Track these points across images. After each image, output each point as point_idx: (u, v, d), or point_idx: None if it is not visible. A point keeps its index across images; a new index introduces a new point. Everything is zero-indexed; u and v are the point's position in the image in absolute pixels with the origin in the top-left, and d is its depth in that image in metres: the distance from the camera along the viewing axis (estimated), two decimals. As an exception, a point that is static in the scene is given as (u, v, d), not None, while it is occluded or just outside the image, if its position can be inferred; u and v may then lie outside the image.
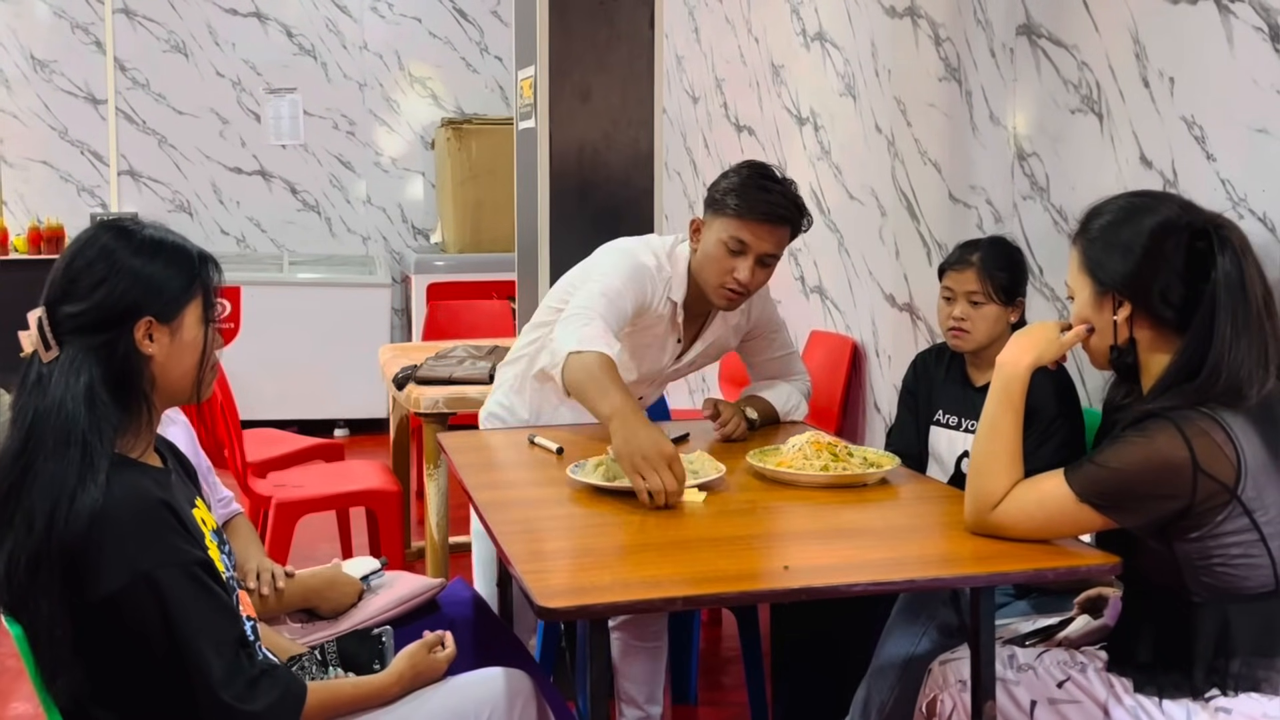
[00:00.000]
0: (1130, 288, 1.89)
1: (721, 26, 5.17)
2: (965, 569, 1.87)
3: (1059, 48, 3.00)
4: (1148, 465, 1.80)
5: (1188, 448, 1.78)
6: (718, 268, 2.61)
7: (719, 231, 2.62)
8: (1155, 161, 2.68)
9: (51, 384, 1.64)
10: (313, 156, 7.31)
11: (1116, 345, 1.93)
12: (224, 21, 7.12)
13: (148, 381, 1.70)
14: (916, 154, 3.68)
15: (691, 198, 5.62)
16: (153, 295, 1.69)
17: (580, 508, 2.19)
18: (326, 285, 6.77)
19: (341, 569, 2.31)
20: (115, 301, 1.67)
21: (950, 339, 2.69)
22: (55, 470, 1.60)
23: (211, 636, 1.62)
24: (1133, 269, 1.88)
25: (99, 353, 1.66)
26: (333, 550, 4.15)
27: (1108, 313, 1.92)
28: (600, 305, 2.52)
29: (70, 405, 1.62)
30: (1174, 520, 1.82)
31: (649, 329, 2.73)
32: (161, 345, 1.70)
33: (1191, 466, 1.78)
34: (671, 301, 2.70)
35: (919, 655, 2.30)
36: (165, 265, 1.71)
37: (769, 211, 2.61)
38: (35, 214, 6.87)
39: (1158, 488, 1.80)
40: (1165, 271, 1.87)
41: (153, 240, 1.73)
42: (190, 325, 1.73)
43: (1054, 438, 2.56)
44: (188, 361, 1.73)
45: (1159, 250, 1.87)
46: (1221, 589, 1.84)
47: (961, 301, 2.66)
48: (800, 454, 2.33)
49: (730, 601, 2.00)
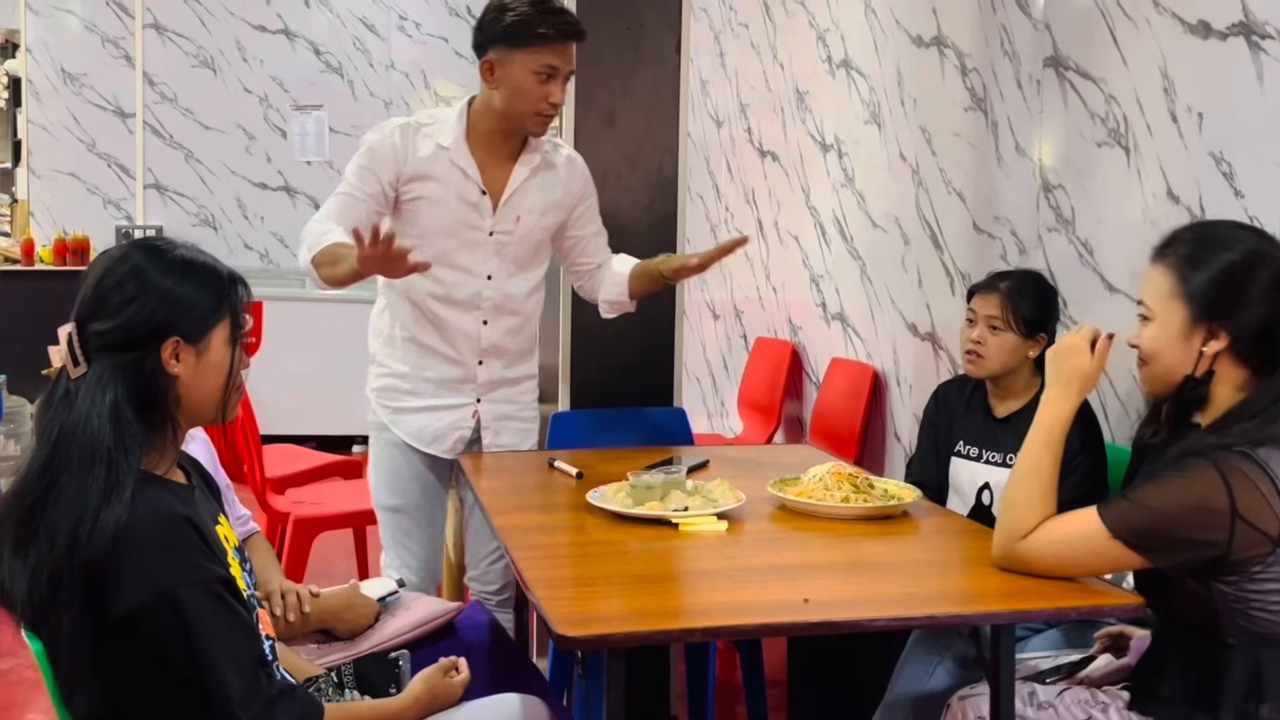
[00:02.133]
0: (1234, 324, 1.85)
1: (747, 52, 5.18)
2: (987, 605, 1.86)
3: (1086, 80, 3.00)
4: (1183, 507, 1.78)
5: (1227, 492, 1.75)
6: (533, 98, 2.62)
7: (527, 64, 2.61)
8: (1182, 197, 2.67)
9: (78, 400, 1.65)
10: (337, 174, 7.28)
11: (1194, 375, 1.89)
12: (252, 38, 7.17)
13: (173, 400, 1.70)
14: (941, 183, 3.67)
15: (714, 221, 5.62)
16: (181, 315, 1.70)
17: (599, 534, 2.18)
18: (348, 302, 6.75)
19: (359, 590, 2.31)
20: (143, 321, 1.68)
21: (965, 362, 2.69)
22: (79, 487, 1.60)
23: (231, 655, 1.62)
24: (1243, 308, 1.85)
25: (125, 371, 1.66)
26: (349, 567, 4.15)
27: (1196, 342, 1.88)
28: (326, 207, 2.75)
29: (96, 422, 1.63)
30: (1210, 565, 1.79)
31: (438, 188, 2.69)
32: (188, 365, 1.70)
33: (1230, 513, 1.75)
34: (441, 147, 2.68)
35: (932, 691, 2.28)
36: (195, 286, 1.72)
37: (572, 31, 2.65)
38: (61, 226, 6.92)
39: (1194, 531, 1.78)
40: (1263, 309, 1.84)
41: (183, 260, 1.73)
42: (217, 346, 1.73)
43: (1076, 471, 2.54)
44: (214, 382, 1.73)
45: (1262, 288, 1.84)
46: (1257, 633, 1.82)
47: (981, 325, 2.65)
48: (821, 484, 2.32)
49: (750, 634, 1.99)
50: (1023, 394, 2.67)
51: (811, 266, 4.57)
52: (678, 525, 2.17)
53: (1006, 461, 2.66)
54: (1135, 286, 2.82)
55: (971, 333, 2.67)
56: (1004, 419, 2.69)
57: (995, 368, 2.65)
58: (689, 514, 2.19)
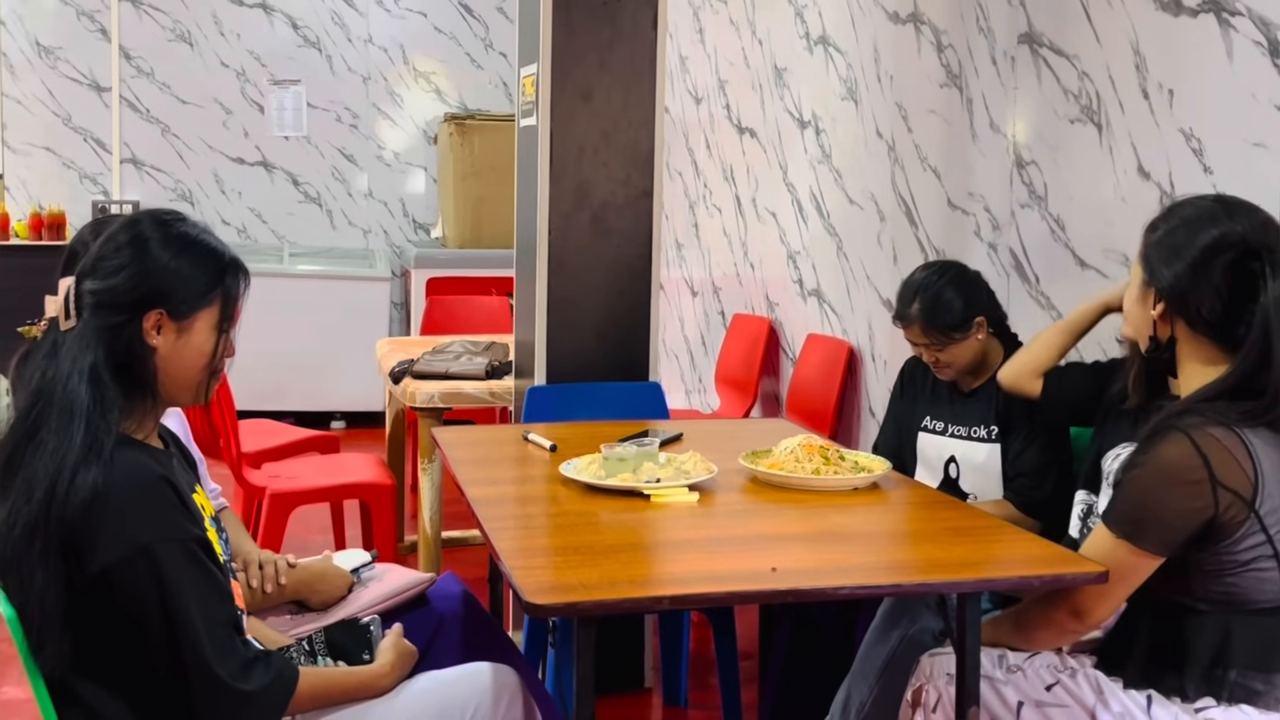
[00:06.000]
0: (1169, 290, 1.92)
1: (726, 28, 5.18)
2: (952, 574, 1.88)
3: (1060, 57, 3.01)
4: (1165, 484, 1.82)
5: (1202, 459, 1.80)
6: None
7: None
8: (1153, 173, 2.69)
9: (62, 353, 1.67)
10: (315, 149, 7.32)
11: (1155, 338, 1.97)
12: (230, 12, 7.12)
13: (151, 372, 1.71)
14: (916, 160, 3.69)
15: (692, 198, 5.63)
16: (169, 290, 1.71)
17: (572, 505, 2.19)
18: (326, 278, 6.78)
19: (332, 561, 2.32)
20: (131, 288, 1.69)
21: (937, 374, 2.72)
22: (59, 443, 1.62)
23: (206, 613, 1.63)
24: (1175, 275, 1.91)
25: (106, 334, 1.68)
26: (326, 542, 4.16)
27: (1148, 306, 1.97)
28: None
29: (75, 381, 1.65)
30: (1203, 534, 1.82)
31: None
32: (168, 340, 1.71)
33: (1210, 481, 1.79)
34: None
35: (899, 658, 2.31)
36: (190, 264, 1.73)
37: None
38: (37, 200, 6.88)
39: (1181, 502, 1.81)
40: (1205, 286, 1.88)
41: (185, 237, 1.75)
42: (201, 329, 1.74)
43: (1037, 440, 2.58)
44: (192, 363, 1.74)
45: (1206, 264, 1.88)
46: (1227, 600, 1.85)
47: (924, 349, 2.68)
48: (792, 457, 2.33)
49: (718, 602, 2.01)
50: (989, 368, 2.69)
51: (789, 243, 4.58)
52: (649, 497, 2.19)
53: (972, 435, 2.69)
54: (1106, 262, 2.85)
55: (922, 354, 2.70)
56: (969, 393, 2.72)
57: (964, 367, 2.68)
58: (661, 485, 2.21)
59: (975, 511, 2.24)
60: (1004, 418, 2.64)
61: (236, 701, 1.63)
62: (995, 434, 2.65)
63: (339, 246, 7.31)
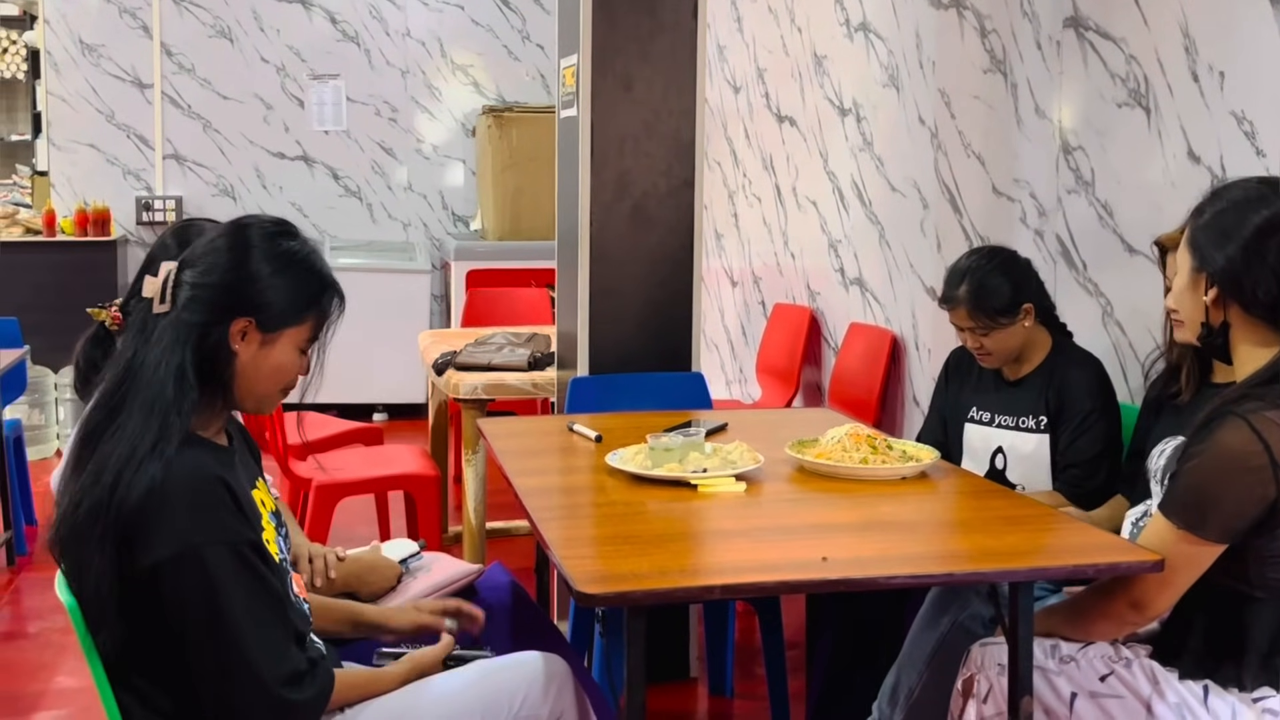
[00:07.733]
0: (1222, 274, 1.88)
1: (764, 16, 5.15)
2: (1004, 563, 1.86)
3: (1106, 41, 2.97)
4: (1226, 472, 1.79)
5: (1263, 444, 1.77)
6: None
7: None
8: (1204, 157, 2.66)
9: (153, 340, 1.69)
10: (355, 143, 7.35)
11: (1208, 323, 1.92)
12: (269, 8, 7.17)
13: (229, 376, 1.73)
14: (960, 146, 3.66)
15: (731, 188, 5.61)
16: (262, 302, 1.73)
17: (619, 495, 2.20)
18: (367, 270, 6.80)
19: (380, 551, 2.33)
20: (224, 293, 1.72)
21: (978, 359, 2.69)
22: (133, 431, 1.64)
23: (256, 617, 1.63)
24: (1228, 258, 1.87)
25: (196, 332, 1.70)
26: (371, 533, 4.19)
27: (1200, 292, 1.92)
28: None
29: (163, 373, 1.67)
30: (1264, 520, 1.79)
31: None
32: (250, 349, 1.73)
33: (1272, 465, 1.76)
34: None
35: (949, 644, 2.30)
36: (288, 281, 1.75)
37: None
38: (82, 197, 6.95)
39: (1239, 489, 1.78)
40: (1260, 267, 1.85)
41: (289, 254, 1.77)
42: (286, 345, 1.76)
43: (1089, 431, 2.55)
44: (269, 376, 1.76)
45: (1259, 246, 1.85)
46: None
47: (968, 334, 2.65)
48: (839, 446, 2.32)
49: (769, 591, 2.01)
50: (1035, 356, 2.67)
51: (830, 232, 4.56)
52: (696, 487, 2.18)
53: (1020, 425, 2.66)
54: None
55: (965, 339, 2.67)
56: (1015, 382, 2.70)
57: (1007, 356, 2.65)
58: (707, 475, 2.21)
59: (1027, 500, 2.22)
60: (1054, 407, 2.61)
61: (280, 710, 1.65)
62: (1044, 424, 2.63)
63: (379, 240, 7.34)
